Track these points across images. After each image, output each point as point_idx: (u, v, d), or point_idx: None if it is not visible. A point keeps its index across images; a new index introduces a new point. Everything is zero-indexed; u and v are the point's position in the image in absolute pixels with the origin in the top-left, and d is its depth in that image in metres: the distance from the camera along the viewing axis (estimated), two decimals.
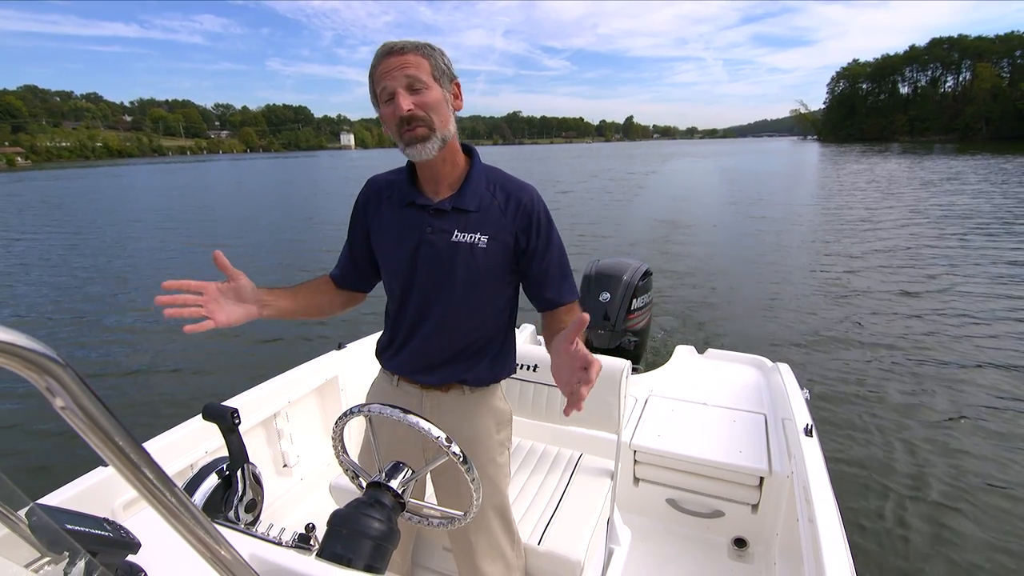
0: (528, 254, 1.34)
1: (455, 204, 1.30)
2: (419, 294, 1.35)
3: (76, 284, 9.44)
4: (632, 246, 11.31)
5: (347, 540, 0.97)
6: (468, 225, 1.30)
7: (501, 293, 1.38)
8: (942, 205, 15.77)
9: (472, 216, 1.30)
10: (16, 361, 0.36)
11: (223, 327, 1.18)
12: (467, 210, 1.30)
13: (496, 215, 1.31)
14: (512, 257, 1.34)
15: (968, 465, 3.60)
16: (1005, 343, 5.67)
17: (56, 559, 0.72)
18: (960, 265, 8.89)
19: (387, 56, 1.19)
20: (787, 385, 2.52)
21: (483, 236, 1.30)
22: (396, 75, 1.18)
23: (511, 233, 1.32)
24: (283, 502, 2.33)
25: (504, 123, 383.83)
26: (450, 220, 1.30)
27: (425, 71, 1.20)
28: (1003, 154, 41.11)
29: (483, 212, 1.31)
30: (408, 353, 1.41)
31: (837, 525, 1.47)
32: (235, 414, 1.30)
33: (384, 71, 1.19)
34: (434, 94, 1.21)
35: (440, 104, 1.22)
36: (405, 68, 1.18)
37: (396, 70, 1.18)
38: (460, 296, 1.33)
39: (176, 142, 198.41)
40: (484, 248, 1.30)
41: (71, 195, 29.89)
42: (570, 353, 0.99)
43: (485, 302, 1.36)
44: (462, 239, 1.29)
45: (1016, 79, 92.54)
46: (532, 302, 1.42)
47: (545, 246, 1.35)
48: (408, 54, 1.19)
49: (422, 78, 1.19)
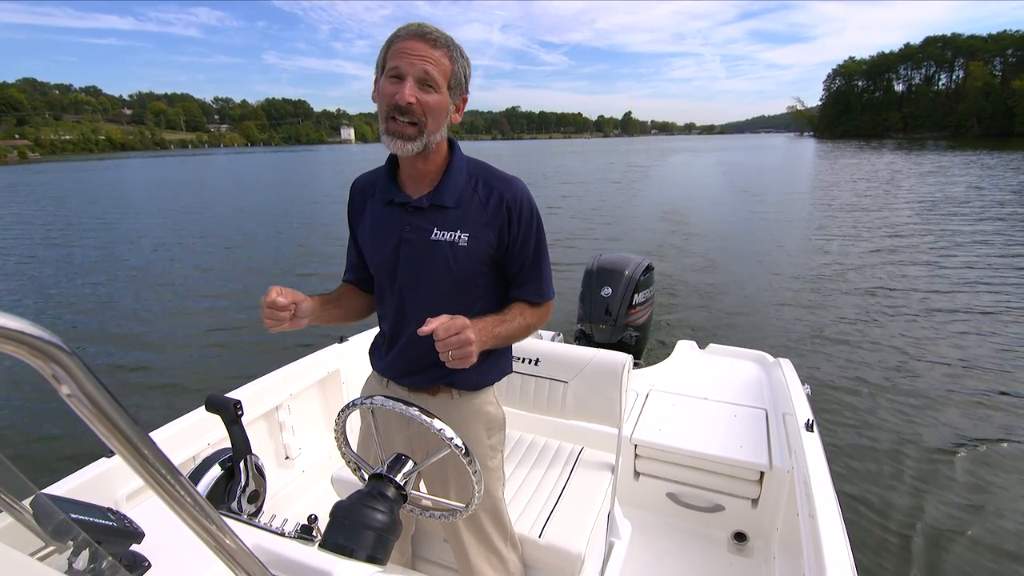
0: (504, 250, 1.29)
1: (433, 201, 1.26)
2: (401, 294, 1.32)
3: (94, 274, 9.50)
4: (634, 241, 11.31)
5: (350, 531, 0.97)
6: (447, 222, 1.25)
7: (489, 293, 1.34)
8: (938, 199, 15.81)
9: (451, 212, 1.26)
10: (23, 348, 0.36)
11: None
12: (445, 206, 1.26)
13: (477, 210, 1.26)
14: (496, 254, 1.29)
15: (970, 461, 3.60)
16: (1009, 337, 5.67)
17: (61, 548, 0.72)
18: (961, 259, 8.88)
19: (417, 38, 1.13)
20: (788, 380, 2.52)
21: (463, 234, 1.25)
22: (415, 61, 1.13)
23: (493, 230, 1.26)
24: (285, 494, 2.34)
25: (503, 118, 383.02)
26: (428, 217, 1.26)
27: (444, 73, 1.16)
28: (994, 151, 41.96)
29: (463, 208, 1.26)
30: (395, 355, 1.38)
31: (837, 520, 1.47)
32: (238, 406, 1.30)
33: (406, 50, 1.13)
34: (441, 99, 1.17)
35: (441, 111, 1.18)
36: (427, 61, 1.13)
37: (417, 57, 1.12)
38: (442, 296, 1.29)
39: (177, 135, 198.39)
40: (465, 246, 1.25)
41: (100, 186, 30.32)
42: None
43: (471, 302, 1.31)
44: (441, 237, 1.25)
45: (1008, 77, 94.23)
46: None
47: (522, 243, 1.29)
48: (439, 49, 1.14)
49: (437, 79, 1.14)
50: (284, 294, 1.17)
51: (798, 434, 2.00)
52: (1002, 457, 3.65)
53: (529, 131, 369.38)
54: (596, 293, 3.55)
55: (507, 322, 1.27)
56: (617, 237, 11.82)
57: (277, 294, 1.15)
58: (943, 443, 3.82)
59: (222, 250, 11.56)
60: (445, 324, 1.07)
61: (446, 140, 1.29)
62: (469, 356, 1.09)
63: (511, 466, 1.97)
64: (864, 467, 3.54)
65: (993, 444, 3.80)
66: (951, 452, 3.71)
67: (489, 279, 1.32)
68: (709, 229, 12.48)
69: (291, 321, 1.20)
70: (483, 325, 1.19)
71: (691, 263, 9.27)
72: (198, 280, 9.12)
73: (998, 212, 13.40)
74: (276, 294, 1.15)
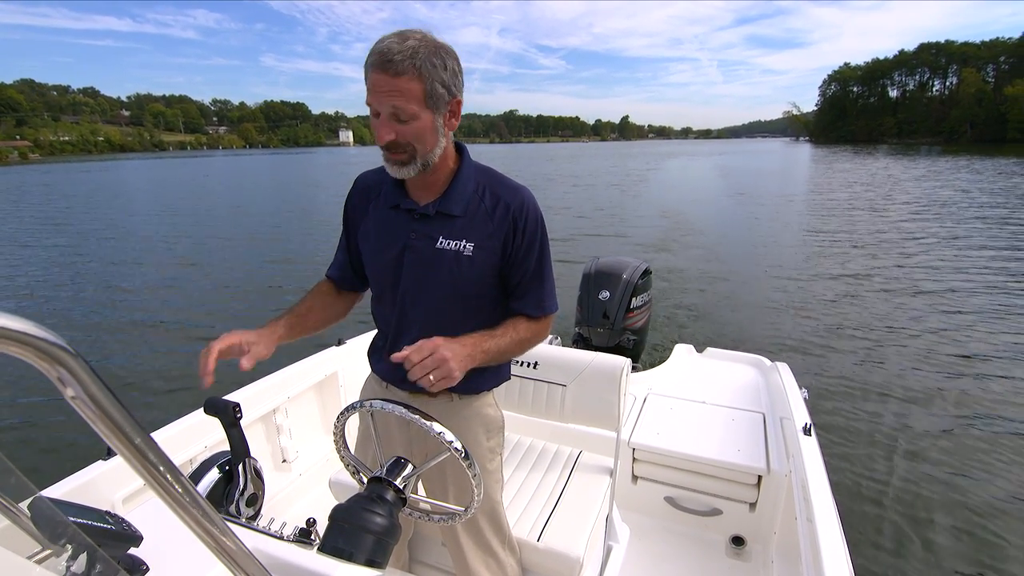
0: (507, 259, 1.27)
1: (440, 208, 1.24)
2: (403, 300, 1.31)
3: (92, 275, 9.46)
4: (632, 244, 11.32)
5: (349, 534, 0.97)
6: (453, 231, 1.24)
7: (492, 301, 1.33)
8: (932, 203, 16.00)
9: (458, 221, 1.24)
10: (30, 351, 0.37)
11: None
12: (452, 215, 1.24)
13: (483, 220, 1.25)
14: (500, 264, 1.28)
15: (966, 464, 3.62)
16: (1006, 341, 5.69)
17: (58, 551, 0.72)
18: (956, 262, 8.93)
19: (379, 70, 1.07)
20: (786, 384, 2.52)
21: (468, 243, 1.24)
22: (383, 99, 1.09)
23: (498, 239, 1.25)
24: (282, 497, 2.33)
25: (501, 121, 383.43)
26: (435, 225, 1.25)
27: (416, 98, 1.09)
28: (986, 156, 42.85)
29: (469, 217, 1.25)
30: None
31: (835, 524, 1.47)
32: (237, 408, 1.29)
33: (374, 86, 1.09)
34: (421, 123, 1.12)
35: (426, 132, 1.14)
36: (393, 96, 1.08)
37: (384, 94, 1.08)
38: (445, 304, 1.28)
39: (176, 137, 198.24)
40: (470, 256, 1.24)
41: (111, 187, 30.60)
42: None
43: (473, 310, 1.30)
44: (447, 246, 1.24)
45: (1000, 84, 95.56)
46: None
47: (524, 253, 1.27)
48: (403, 77, 1.06)
49: (409, 109, 1.09)
50: (215, 350, 1.13)
51: (796, 438, 2.00)
52: (1001, 460, 3.66)
53: (527, 135, 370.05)
54: (594, 297, 3.56)
55: (496, 337, 1.24)
56: (616, 239, 11.86)
57: (214, 353, 1.12)
58: (942, 446, 3.83)
59: (220, 250, 11.56)
60: (416, 347, 1.06)
61: (453, 146, 1.26)
62: (450, 374, 1.06)
63: (509, 470, 1.97)
64: (862, 471, 3.55)
65: (991, 445, 3.81)
66: (950, 455, 3.72)
67: (493, 288, 1.31)
68: (707, 233, 12.53)
69: (247, 358, 1.17)
70: (469, 340, 1.17)
71: (689, 267, 9.29)
72: (198, 281, 9.12)
73: (994, 215, 13.49)
74: (213, 355, 1.12)
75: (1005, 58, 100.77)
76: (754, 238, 11.92)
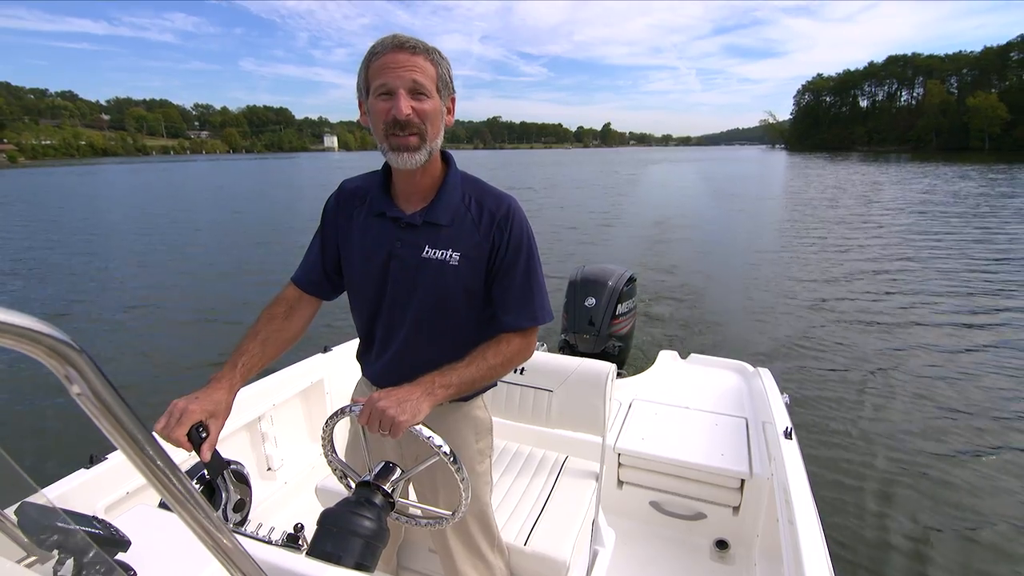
0: (494, 269, 1.26)
1: (426, 218, 1.23)
2: (389, 310, 1.30)
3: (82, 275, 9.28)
4: (618, 251, 11.40)
5: (337, 538, 0.97)
6: (439, 241, 1.23)
7: (479, 310, 1.31)
8: (903, 207, 16.39)
9: (444, 231, 1.23)
10: (40, 348, 0.37)
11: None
12: (439, 224, 1.23)
13: (469, 230, 1.24)
14: (487, 274, 1.26)
15: (944, 467, 3.68)
16: (982, 346, 5.82)
17: (45, 557, 0.72)
18: (932, 268, 9.13)
19: (397, 50, 1.11)
20: (767, 389, 2.56)
21: (455, 253, 1.23)
22: (402, 74, 1.11)
23: (485, 249, 1.24)
24: (268, 505, 2.31)
25: (484, 128, 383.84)
26: (421, 235, 1.24)
27: (431, 78, 1.14)
28: (952, 163, 44.87)
29: (456, 226, 1.24)
30: (382, 365, 1.36)
31: (816, 526, 1.50)
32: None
33: (389, 65, 1.11)
34: (434, 104, 1.15)
35: (437, 115, 1.17)
36: (413, 71, 1.11)
37: (403, 69, 1.11)
38: (431, 314, 1.27)
39: (159, 142, 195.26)
40: (456, 266, 1.23)
41: (106, 191, 30.32)
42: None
43: (460, 320, 1.29)
44: (432, 255, 1.23)
45: (963, 95, 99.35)
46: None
47: (511, 264, 1.25)
48: (420, 55, 1.12)
49: (427, 85, 1.13)
50: (181, 439, 1.05)
51: (777, 442, 2.03)
52: (978, 463, 3.74)
53: (511, 141, 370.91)
54: (580, 304, 3.59)
55: (458, 369, 1.18)
56: (599, 246, 11.92)
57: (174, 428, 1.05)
58: (919, 449, 3.90)
59: (202, 257, 11.42)
60: (363, 406, 1.07)
61: (439, 153, 1.25)
62: (393, 421, 1.03)
63: (496, 475, 1.97)
64: (841, 474, 3.60)
65: (968, 448, 3.90)
66: (928, 457, 3.79)
67: (478, 298, 1.29)
68: (690, 240, 12.65)
69: (206, 446, 1.08)
70: (426, 379, 1.13)
71: (673, 274, 9.37)
72: (175, 286, 9.01)
73: (962, 216, 13.85)
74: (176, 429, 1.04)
75: (967, 70, 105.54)
76: (736, 245, 12.06)
